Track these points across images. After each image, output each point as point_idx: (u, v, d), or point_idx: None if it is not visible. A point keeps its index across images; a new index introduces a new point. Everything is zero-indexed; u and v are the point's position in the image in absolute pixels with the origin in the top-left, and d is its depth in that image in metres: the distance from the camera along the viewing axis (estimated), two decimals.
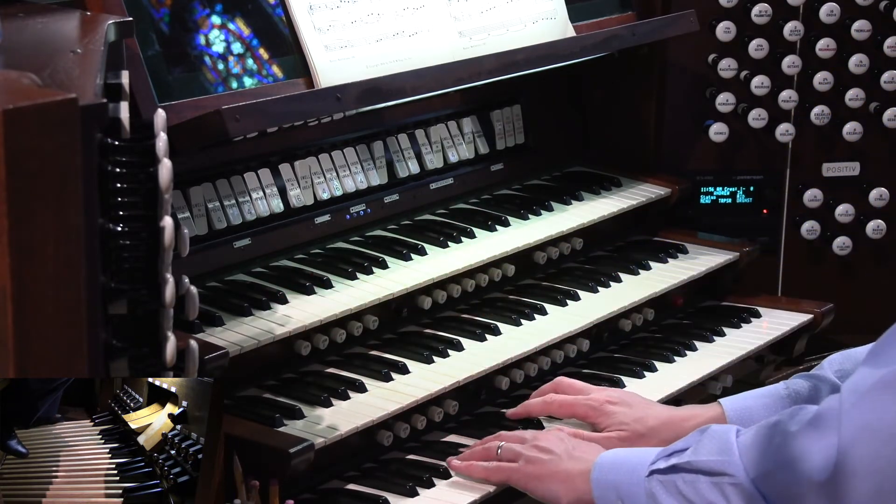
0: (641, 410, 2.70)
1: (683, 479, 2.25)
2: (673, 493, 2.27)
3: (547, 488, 2.48)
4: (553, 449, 2.51)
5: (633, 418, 2.67)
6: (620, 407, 2.70)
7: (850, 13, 3.67)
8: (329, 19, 2.94)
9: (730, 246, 3.53)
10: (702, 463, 2.24)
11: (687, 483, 2.25)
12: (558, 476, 2.46)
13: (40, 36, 2.35)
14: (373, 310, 2.83)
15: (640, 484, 2.31)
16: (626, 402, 2.72)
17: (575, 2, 3.46)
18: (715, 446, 2.24)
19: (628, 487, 2.33)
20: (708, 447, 2.25)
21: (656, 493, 2.28)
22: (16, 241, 1.62)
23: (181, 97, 2.67)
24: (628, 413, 2.68)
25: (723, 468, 2.21)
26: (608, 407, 2.70)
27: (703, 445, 2.26)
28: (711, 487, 2.22)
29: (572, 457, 2.49)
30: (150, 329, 1.92)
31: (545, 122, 3.60)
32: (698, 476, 2.24)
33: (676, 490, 2.26)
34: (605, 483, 2.38)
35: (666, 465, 2.29)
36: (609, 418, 2.68)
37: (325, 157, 3.03)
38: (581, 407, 2.73)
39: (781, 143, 3.71)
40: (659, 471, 2.30)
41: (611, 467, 2.39)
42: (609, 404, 2.71)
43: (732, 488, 2.20)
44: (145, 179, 1.91)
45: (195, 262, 2.67)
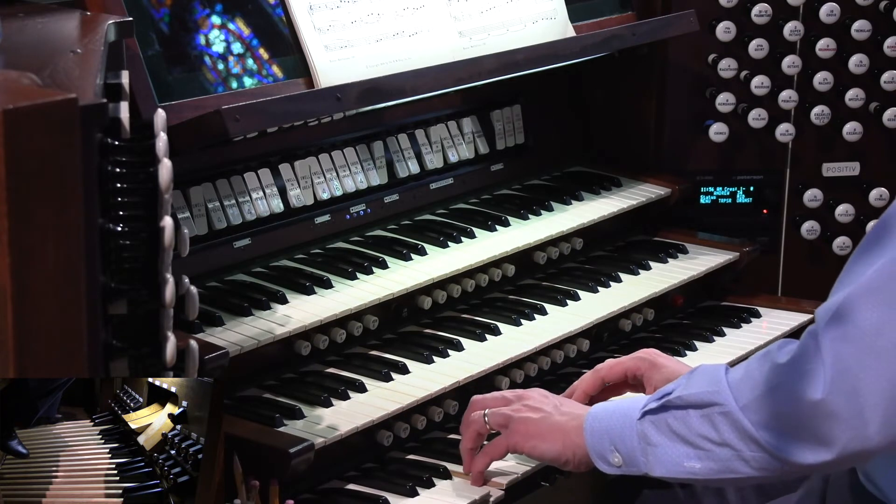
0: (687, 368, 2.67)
1: (674, 416, 2.27)
2: (664, 430, 2.28)
3: (543, 445, 2.46)
4: (541, 406, 2.50)
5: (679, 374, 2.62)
6: (672, 361, 2.68)
7: (850, 13, 3.67)
8: (329, 19, 2.94)
9: (730, 246, 3.53)
10: (692, 396, 2.26)
11: (677, 419, 2.27)
12: (553, 432, 2.45)
13: (40, 36, 2.35)
14: (373, 310, 2.83)
15: (633, 427, 2.32)
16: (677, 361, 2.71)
17: (575, 2, 3.46)
18: (704, 380, 2.27)
19: (620, 431, 2.34)
20: (697, 382, 2.27)
21: (648, 433, 2.30)
22: (16, 241, 1.62)
23: (181, 97, 2.68)
24: (677, 368, 2.65)
25: (711, 398, 2.23)
26: (659, 359, 2.68)
27: (693, 381, 2.28)
28: (701, 420, 2.24)
29: (562, 412, 2.48)
30: (150, 329, 1.92)
31: (545, 122, 3.60)
32: (688, 410, 2.26)
33: (668, 427, 2.28)
34: (598, 430, 2.38)
35: (657, 405, 2.30)
36: (659, 371, 2.64)
37: (325, 157, 3.03)
38: (630, 360, 2.68)
39: (781, 143, 3.71)
40: (650, 411, 2.31)
41: (603, 415, 2.39)
42: (660, 357, 2.68)
43: (721, 417, 2.22)
44: (145, 179, 1.91)
45: (195, 262, 2.67)
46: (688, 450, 2.27)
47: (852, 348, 2.10)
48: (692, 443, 2.26)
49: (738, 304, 3.46)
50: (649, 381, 2.69)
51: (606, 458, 2.38)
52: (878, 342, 2.08)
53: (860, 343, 2.09)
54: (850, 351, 2.10)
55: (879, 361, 2.08)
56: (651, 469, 2.32)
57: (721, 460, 2.24)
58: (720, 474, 2.25)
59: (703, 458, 2.25)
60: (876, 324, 2.09)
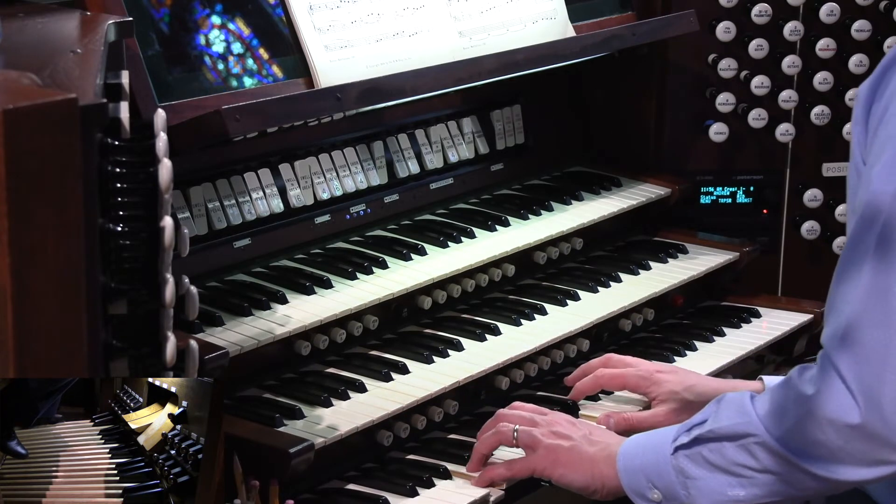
0: (692, 379, 2.75)
1: (709, 449, 2.30)
2: (701, 463, 2.31)
3: (572, 475, 2.48)
4: (571, 434, 2.53)
5: (683, 387, 2.72)
6: (670, 375, 2.75)
7: (850, 13, 3.67)
8: (329, 19, 2.94)
9: (730, 246, 3.53)
10: (723, 429, 2.29)
11: (713, 451, 2.30)
12: (583, 462, 2.48)
13: (40, 36, 2.35)
14: (373, 310, 2.83)
15: (668, 462, 2.34)
16: (675, 372, 2.78)
17: (575, 2, 3.46)
18: (733, 411, 2.29)
19: (656, 468, 2.37)
20: (726, 414, 2.30)
21: (684, 467, 2.33)
22: (16, 241, 1.62)
23: (181, 97, 2.67)
24: (678, 381, 2.73)
25: (745, 430, 2.26)
26: (658, 376, 2.75)
27: (722, 413, 2.31)
28: (738, 450, 2.27)
29: (592, 441, 2.51)
30: (150, 329, 1.92)
31: (545, 122, 3.60)
32: (723, 443, 2.29)
33: (704, 460, 2.31)
34: (633, 469, 2.41)
35: (689, 439, 2.33)
36: (660, 387, 2.73)
37: (325, 157, 3.03)
38: (632, 378, 2.76)
39: (781, 143, 3.71)
40: (683, 446, 2.34)
41: (635, 453, 2.42)
42: (659, 373, 2.75)
43: (758, 447, 2.25)
44: (145, 179, 1.91)
45: (195, 262, 2.67)
46: (729, 479, 2.30)
47: (870, 368, 2.14)
48: (732, 472, 2.29)
49: (738, 304, 3.46)
50: (652, 396, 2.76)
51: (644, 495, 2.40)
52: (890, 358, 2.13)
53: (875, 362, 2.14)
54: (868, 370, 2.14)
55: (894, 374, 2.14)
56: (693, 501, 2.34)
57: (765, 485, 2.27)
58: (765, 498, 2.29)
59: (745, 486, 2.29)
60: (883, 341, 2.13)
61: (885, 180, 2.15)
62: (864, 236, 2.17)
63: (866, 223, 2.17)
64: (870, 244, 2.16)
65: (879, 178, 2.15)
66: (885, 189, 2.14)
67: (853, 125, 2.28)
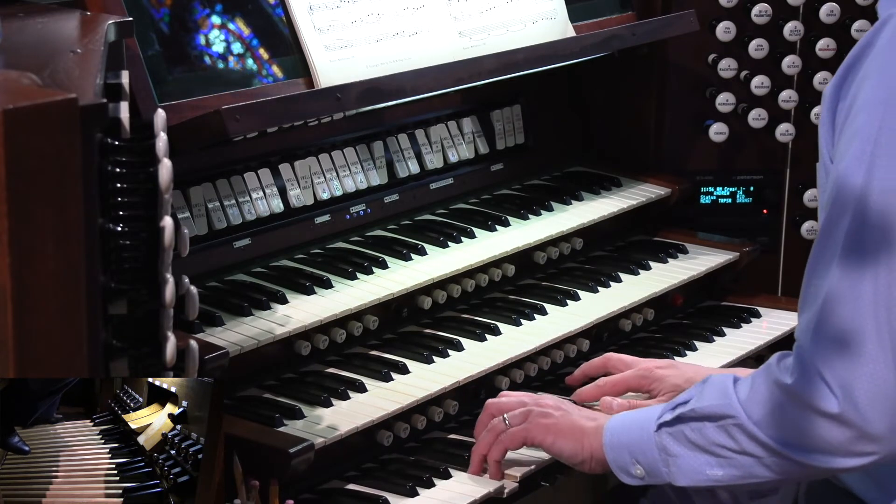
0: (691, 371, 2.78)
1: (691, 428, 2.34)
2: (683, 441, 2.35)
3: (561, 442, 2.52)
4: (561, 405, 2.58)
5: (683, 379, 2.74)
6: (669, 370, 2.78)
7: (850, 13, 3.67)
8: (329, 19, 2.94)
9: (730, 246, 3.53)
10: (705, 409, 2.32)
11: (694, 430, 2.34)
12: (574, 430, 2.51)
13: (40, 36, 2.35)
14: (373, 310, 2.83)
15: (651, 439, 2.38)
16: (674, 366, 2.81)
17: (575, 2, 3.46)
18: (715, 392, 2.33)
19: (639, 444, 2.41)
20: (709, 394, 2.34)
21: (667, 444, 2.36)
22: (16, 241, 1.62)
23: (181, 97, 2.67)
24: (678, 375, 2.76)
25: (725, 411, 2.30)
26: (658, 372, 2.78)
27: (705, 394, 2.35)
28: (718, 430, 2.31)
29: (582, 414, 2.56)
30: (150, 329, 1.92)
31: (545, 122, 3.60)
32: (704, 423, 2.33)
33: (685, 438, 2.35)
34: (617, 445, 2.44)
35: (672, 417, 2.37)
36: (661, 382, 2.76)
37: (325, 157, 3.03)
38: (632, 379, 2.79)
39: (781, 143, 3.71)
40: (666, 423, 2.38)
41: (621, 429, 2.45)
42: (658, 369, 2.78)
43: (737, 429, 2.29)
44: (145, 179, 1.91)
45: (195, 262, 2.67)
46: (708, 458, 2.34)
47: (843, 361, 2.18)
48: (712, 452, 2.33)
49: (738, 304, 3.46)
50: (656, 391, 2.78)
51: (629, 471, 2.44)
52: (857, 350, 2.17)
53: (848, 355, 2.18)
54: (842, 364, 2.18)
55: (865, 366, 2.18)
56: (674, 478, 2.38)
57: (743, 466, 2.31)
58: (743, 479, 2.33)
59: (724, 466, 2.32)
60: (854, 333, 2.17)
61: (853, 174, 2.18)
62: (833, 231, 2.21)
63: (835, 218, 2.21)
64: (838, 238, 2.20)
65: (847, 172, 2.19)
66: (853, 182, 2.17)
67: (820, 126, 2.33)
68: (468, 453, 2.63)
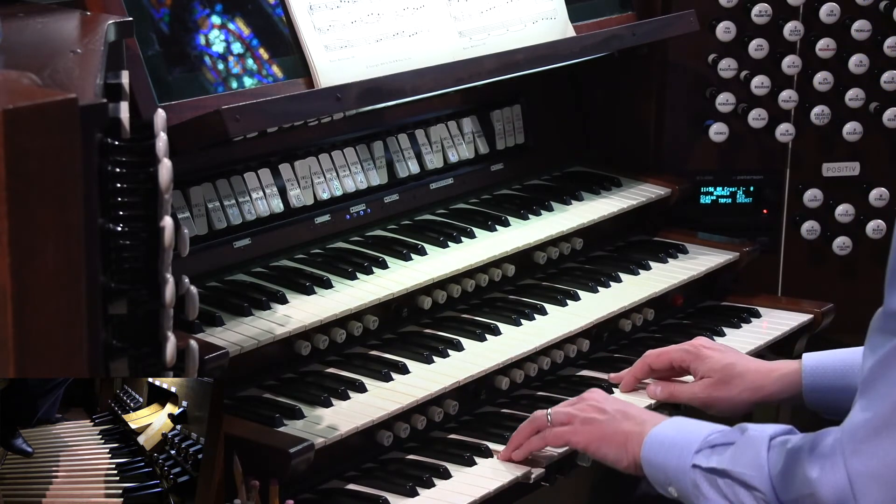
0: (732, 357, 2.79)
1: (723, 482, 2.32)
2: (715, 488, 2.33)
3: (605, 449, 2.53)
4: (606, 408, 2.57)
5: (723, 364, 2.76)
6: (714, 352, 2.79)
7: (850, 13, 3.67)
8: (329, 19, 2.94)
9: (730, 246, 3.53)
10: (738, 474, 2.29)
11: (727, 486, 2.31)
12: (617, 437, 2.51)
13: (40, 36, 2.35)
14: (373, 310, 2.83)
15: (686, 471, 2.37)
16: (719, 349, 2.81)
17: (575, 2, 3.46)
18: (749, 459, 2.29)
19: (675, 472, 2.40)
20: (743, 459, 2.30)
21: (700, 484, 2.35)
22: (16, 241, 1.62)
23: (181, 97, 2.68)
24: (720, 359, 2.77)
25: (756, 484, 2.27)
26: (704, 350, 2.79)
27: (740, 454, 2.31)
28: (748, 496, 2.28)
29: (627, 416, 2.55)
30: (150, 329, 1.92)
31: (545, 122, 3.60)
32: (736, 484, 2.30)
33: (718, 487, 2.33)
34: (655, 464, 2.44)
35: (707, 466, 2.34)
36: (703, 363, 2.77)
37: (325, 157, 3.03)
38: (676, 352, 2.81)
39: (781, 143, 3.71)
40: (701, 467, 2.35)
41: (660, 449, 2.45)
42: (704, 348, 2.79)
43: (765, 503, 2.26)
44: (145, 179, 1.91)
45: (195, 262, 2.67)
46: None
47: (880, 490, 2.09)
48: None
49: (738, 304, 3.46)
50: (695, 371, 2.81)
51: (664, 488, 2.43)
52: None
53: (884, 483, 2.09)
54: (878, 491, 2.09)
55: None
56: None
57: None
58: None
59: None
60: None
61: None
62: None
63: None
64: None
65: None
66: None
67: None
68: (469, 453, 2.63)
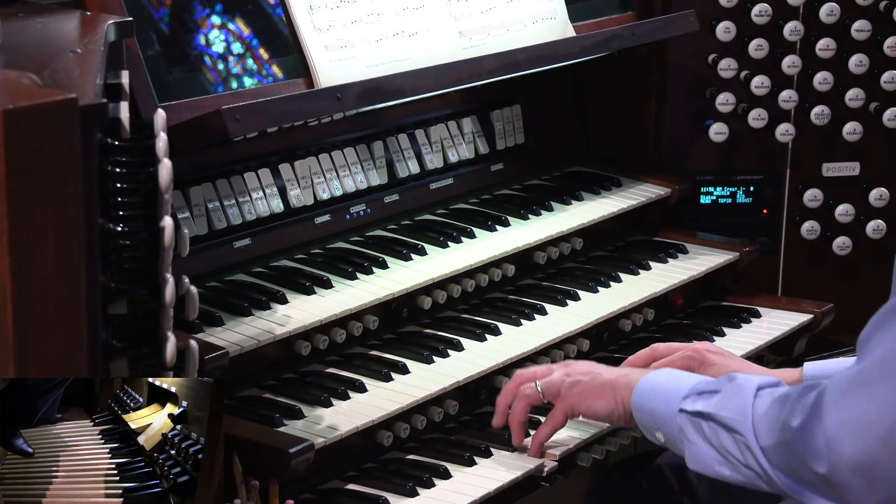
0: (737, 363, 2.79)
1: (708, 425, 2.35)
2: (699, 432, 2.37)
3: (598, 403, 2.56)
4: (590, 369, 2.62)
5: (727, 370, 2.73)
6: (719, 357, 2.79)
7: (850, 13, 3.67)
8: (329, 19, 2.94)
9: (730, 246, 3.53)
10: (722, 417, 2.33)
11: (711, 429, 2.35)
12: (605, 389, 2.56)
13: (40, 36, 2.35)
14: (373, 310, 2.83)
15: (673, 417, 2.41)
16: (724, 355, 2.81)
17: (575, 2, 3.46)
18: (735, 404, 2.33)
19: (663, 417, 2.44)
20: (730, 404, 2.34)
21: (685, 428, 2.38)
22: (16, 241, 1.62)
23: (181, 97, 2.68)
24: (724, 366, 2.76)
25: (739, 427, 2.30)
26: (710, 356, 2.79)
27: (727, 400, 2.34)
28: (730, 440, 2.32)
29: (608, 369, 2.60)
30: (150, 329, 1.92)
31: (545, 122, 3.60)
32: (720, 427, 2.34)
33: (702, 431, 2.36)
34: (644, 409, 2.48)
35: (692, 410, 2.38)
36: (708, 369, 2.76)
37: (325, 157, 3.03)
38: (679, 361, 2.79)
39: (781, 143, 3.71)
40: (686, 411, 2.39)
41: (650, 394, 2.48)
42: (709, 353, 2.79)
43: (745, 447, 2.29)
44: (145, 179, 1.91)
45: (195, 262, 2.67)
46: (718, 456, 2.35)
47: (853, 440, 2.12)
48: (722, 453, 2.34)
49: (738, 304, 3.46)
50: None
51: (652, 434, 2.48)
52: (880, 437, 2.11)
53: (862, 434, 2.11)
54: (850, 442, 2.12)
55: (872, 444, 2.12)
56: (687, 460, 2.41)
57: (747, 476, 2.32)
58: (745, 485, 2.34)
59: (730, 469, 2.34)
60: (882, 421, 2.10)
61: None
62: None
63: None
64: None
65: None
66: None
67: None
68: (469, 453, 2.63)
